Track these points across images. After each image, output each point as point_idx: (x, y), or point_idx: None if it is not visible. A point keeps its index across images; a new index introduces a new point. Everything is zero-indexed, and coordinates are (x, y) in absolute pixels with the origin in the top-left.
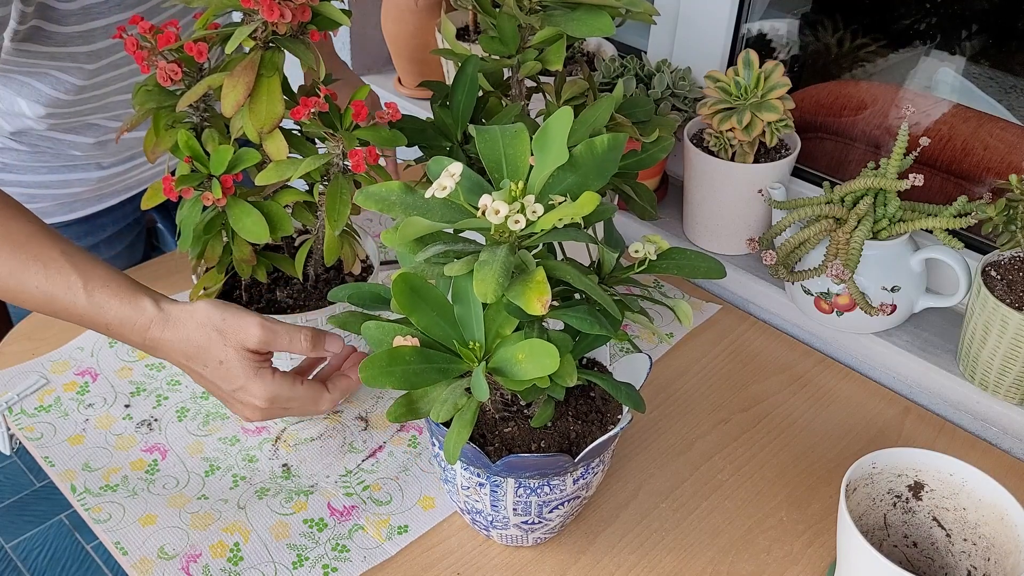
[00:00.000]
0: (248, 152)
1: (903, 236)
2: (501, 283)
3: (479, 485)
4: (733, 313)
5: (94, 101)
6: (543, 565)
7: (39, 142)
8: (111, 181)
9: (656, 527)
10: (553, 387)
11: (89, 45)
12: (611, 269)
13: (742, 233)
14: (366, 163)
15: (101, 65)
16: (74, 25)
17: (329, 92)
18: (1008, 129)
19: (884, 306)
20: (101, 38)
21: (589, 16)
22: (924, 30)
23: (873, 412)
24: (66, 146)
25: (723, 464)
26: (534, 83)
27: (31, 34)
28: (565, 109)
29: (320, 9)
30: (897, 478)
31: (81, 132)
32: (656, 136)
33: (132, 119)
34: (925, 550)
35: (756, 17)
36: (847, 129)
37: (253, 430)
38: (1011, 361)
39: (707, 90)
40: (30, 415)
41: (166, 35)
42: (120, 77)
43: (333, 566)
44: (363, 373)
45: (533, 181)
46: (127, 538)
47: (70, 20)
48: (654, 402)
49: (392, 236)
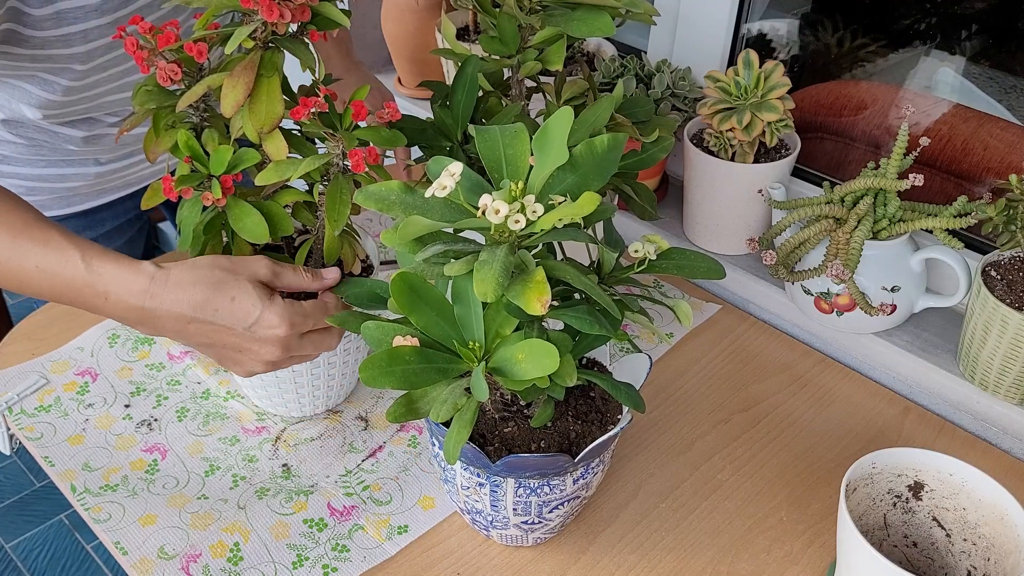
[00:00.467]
0: (248, 152)
1: (903, 236)
2: (501, 283)
3: (479, 485)
4: (733, 313)
5: (87, 102)
6: (543, 565)
7: (35, 135)
8: (109, 177)
9: (656, 527)
10: (553, 387)
11: (69, 48)
12: (611, 269)
13: (742, 233)
14: (366, 163)
15: (89, 68)
16: (50, 30)
17: (329, 92)
18: (1008, 129)
19: (884, 306)
20: (80, 42)
21: (589, 16)
22: (924, 30)
23: (873, 412)
24: (62, 140)
25: (723, 464)
26: (534, 83)
27: (7, 37)
28: (565, 109)
29: (320, 9)
30: (897, 478)
31: (77, 126)
32: (656, 136)
33: (132, 119)
34: (925, 550)
35: (756, 17)
36: (847, 129)
37: (253, 430)
38: (1011, 361)
39: (707, 90)
40: (30, 415)
41: (166, 35)
42: (111, 78)
43: (333, 566)
44: (363, 373)
45: (533, 181)
46: (127, 538)
47: (44, 25)
48: (654, 402)
49: (392, 236)
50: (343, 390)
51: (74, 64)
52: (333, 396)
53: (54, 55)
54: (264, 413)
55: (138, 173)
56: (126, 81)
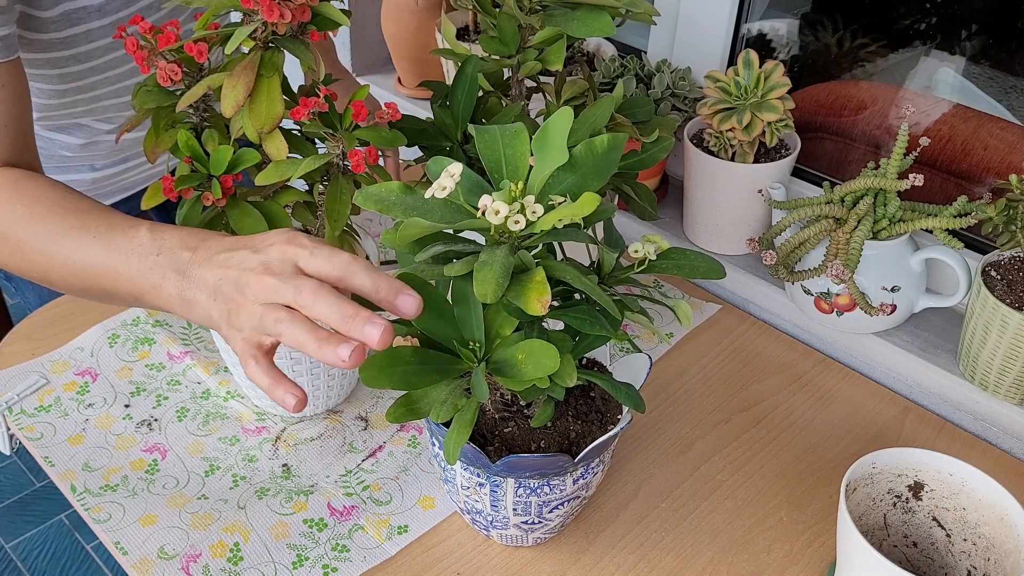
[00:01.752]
0: (248, 152)
1: (903, 236)
2: (501, 283)
3: (479, 485)
4: (733, 313)
5: (81, 105)
6: (543, 565)
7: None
8: (105, 183)
9: (656, 527)
10: (553, 387)
11: (70, 50)
12: (611, 269)
13: (742, 233)
14: (366, 163)
15: (83, 69)
16: (54, 32)
17: (329, 92)
18: (1008, 129)
19: (884, 306)
20: (82, 43)
21: (589, 16)
22: (924, 30)
23: (873, 412)
24: (57, 146)
25: (723, 464)
26: (534, 83)
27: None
28: (565, 109)
29: (320, 9)
30: (897, 478)
31: (71, 132)
32: (656, 136)
33: (132, 119)
34: (925, 550)
35: (756, 17)
36: (847, 129)
37: (253, 430)
38: (1011, 361)
39: (707, 90)
40: (30, 415)
41: (166, 35)
42: (106, 81)
43: (333, 566)
44: (363, 373)
45: (533, 181)
46: (127, 538)
47: (50, 27)
48: (654, 402)
49: (392, 236)
50: (343, 390)
51: (71, 66)
52: (333, 396)
53: (54, 58)
54: (264, 413)
55: (134, 178)
56: (122, 86)
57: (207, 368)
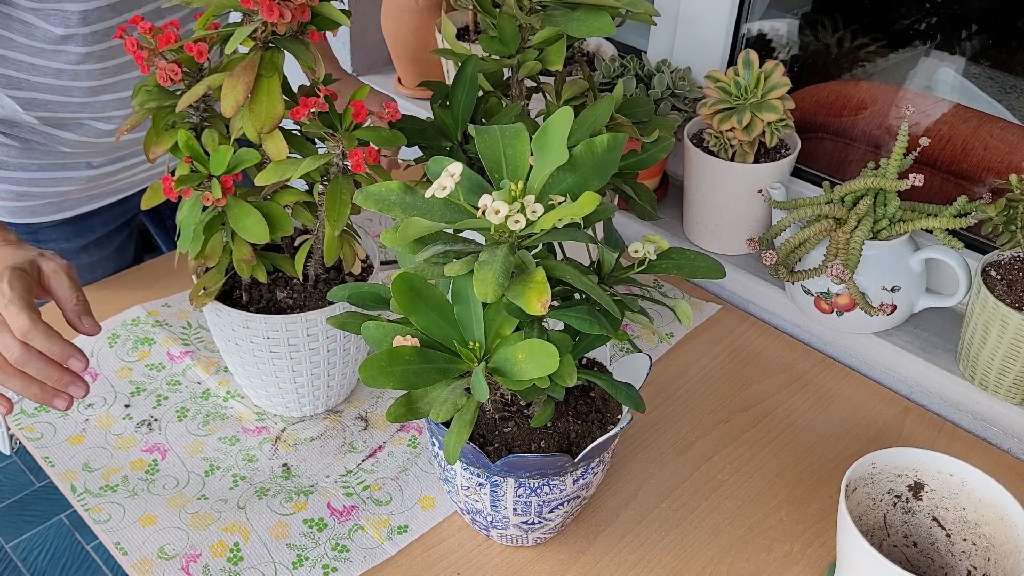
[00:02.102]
0: (248, 152)
1: (903, 236)
2: (501, 283)
3: (479, 485)
4: (733, 313)
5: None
6: (543, 565)
7: (29, 136)
8: (101, 182)
9: (656, 527)
10: (553, 387)
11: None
12: (611, 269)
13: (742, 233)
14: (366, 163)
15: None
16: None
17: (329, 92)
18: (1008, 129)
19: (884, 306)
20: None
21: (589, 16)
22: (924, 30)
23: (873, 412)
24: (56, 142)
25: (723, 464)
26: (534, 83)
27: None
28: (565, 109)
29: (320, 9)
30: (897, 478)
31: (71, 128)
32: (656, 136)
33: (132, 119)
34: (925, 550)
35: (756, 17)
36: (847, 129)
37: (253, 430)
38: (1011, 361)
39: (707, 90)
40: (30, 415)
41: (166, 35)
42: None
43: (333, 566)
44: (363, 373)
45: (533, 181)
46: (127, 538)
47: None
48: (654, 402)
49: (392, 236)
50: (343, 390)
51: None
52: (333, 396)
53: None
54: (264, 413)
55: (131, 178)
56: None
57: (207, 368)
